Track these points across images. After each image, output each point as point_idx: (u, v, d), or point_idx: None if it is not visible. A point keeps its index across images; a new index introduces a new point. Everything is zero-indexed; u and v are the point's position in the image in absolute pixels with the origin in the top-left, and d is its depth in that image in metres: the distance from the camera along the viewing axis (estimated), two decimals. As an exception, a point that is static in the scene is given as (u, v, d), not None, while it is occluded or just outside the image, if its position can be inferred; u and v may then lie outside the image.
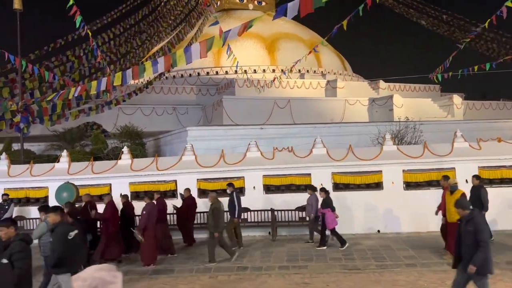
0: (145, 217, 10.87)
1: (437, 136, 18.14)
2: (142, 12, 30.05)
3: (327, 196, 12.20)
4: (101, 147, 19.78)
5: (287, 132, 20.86)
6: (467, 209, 6.48)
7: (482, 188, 12.06)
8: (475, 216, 6.33)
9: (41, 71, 16.05)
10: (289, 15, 8.74)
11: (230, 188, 12.89)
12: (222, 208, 11.29)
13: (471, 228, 6.23)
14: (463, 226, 6.40)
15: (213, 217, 10.93)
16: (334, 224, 11.87)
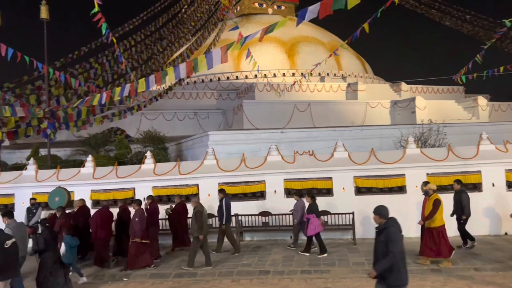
0: (137, 223, 11.15)
1: (462, 139, 17.81)
2: (162, 19, 30.52)
3: (313, 202, 12.12)
4: (125, 152, 20.13)
5: (307, 135, 20.82)
6: (383, 217, 6.12)
7: (463, 193, 12.14)
8: (389, 226, 5.97)
9: (68, 78, 16.47)
10: (307, 17, 8.76)
11: (221, 194, 13.13)
12: (205, 212, 11.55)
13: (383, 238, 5.93)
14: (377, 235, 6.11)
15: (196, 221, 11.18)
16: (317, 230, 11.81)
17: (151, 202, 12.79)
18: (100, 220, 11.84)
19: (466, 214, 11.89)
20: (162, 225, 14.06)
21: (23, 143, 24.15)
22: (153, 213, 12.58)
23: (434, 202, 10.44)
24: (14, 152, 22.62)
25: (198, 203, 11.65)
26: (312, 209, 12.00)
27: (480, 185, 14.11)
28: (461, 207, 11.88)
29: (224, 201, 12.85)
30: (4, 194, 15.79)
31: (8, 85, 23.14)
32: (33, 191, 15.41)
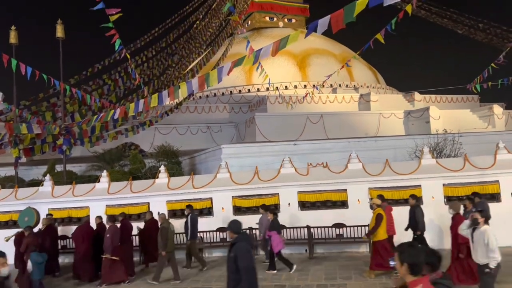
0: (108, 240, 11.31)
1: (478, 148, 17.52)
2: (173, 34, 30.97)
3: (275, 218, 11.88)
4: (139, 166, 20.27)
5: (321, 147, 20.72)
6: (235, 232, 5.94)
7: (418, 208, 12.03)
8: (238, 241, 5.78)
9: (84, 95, 16.78)
10: (319, 30, 8.78)
11: (188, 209, 13.18)
12: (171, 229, 11.60)
13: (232, 254, 5.75)
14: (228, 251, 5.91)
15: (162, 237, 11.28)
16: (279, 247, 11.54)
17: (122, 220, 12.85)
18: (81, 236, 12.13)
19: (420, 229, 11.84)
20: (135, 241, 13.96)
21: (40, 159, 24.49)
22: (125, 230, 12.64)
23: (377, 216, 10.55)
24: (31, 169, 22.95)
25: (165, 219, 11.82)
26: (273, 226, 11.71)
27: (499, 195, 13.82)
28: (416, 222, 11.82)
29: (190, 217, 12.91)
30: (20, 211, 15.97)
31: (25, 103, 23.61)
32: (49, 207, 15.56)
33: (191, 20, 32.53)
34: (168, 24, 31.74)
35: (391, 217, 11.87)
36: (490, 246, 7.21)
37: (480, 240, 7.36)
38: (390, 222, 11.56)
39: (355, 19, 8.17)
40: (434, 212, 13.55)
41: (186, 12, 32.95)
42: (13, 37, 19.89)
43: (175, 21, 32.13)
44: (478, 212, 7.64)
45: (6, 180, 19.93)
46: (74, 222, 15.58)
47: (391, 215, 11.86)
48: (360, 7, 7.42)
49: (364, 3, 7.44)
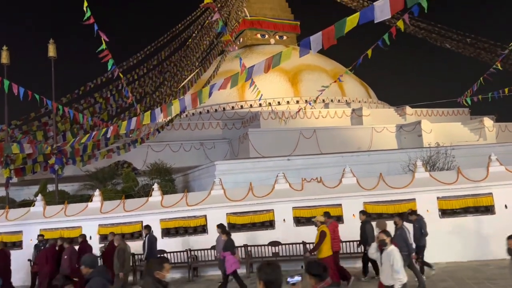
0: (66, 261, 11.27)
1: (471, 161, 17.63)
2: (165, 52, 31.13)
3: (229, 239, 11.68)
4: (132, 185, 20.11)
5: (314, 162, 20.72)
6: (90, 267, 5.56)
7: (368, 223, 12.12)
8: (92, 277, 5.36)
9: (76, 114, 16.74)
10: (313, 49, 8.83)
11: (145, 230, 13.12)
12: (128, 250, 11.51)
13: None
14: None
15: (118, 258, 11.14)
16: (234, 267, 11.36)
17: (82, 241, 12.76)
18: (44, 257, 12.09)
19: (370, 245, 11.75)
20: None
21: (31, 179, 24.21)
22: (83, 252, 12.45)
23: (320, 233, 10.55)
24: (22, 189, 22.66)
25: (121, 240, 11.74)
26: (227, 246, 11.52)
27: (493, 207, 13.87)
28: (366, 238, 11.88)
29: (147, 238, 12.80)
30: (12, 232, 15.73)
31: (16, 123, 23.44)
32: (41, 227, 15.34)
33: (183, 38, 32.76)
34: (160, 42, 31.93)
35: (336, 233, 11.84)
36: (394, 267, 7.04)
37: (387, 261, 7.19)
38: (335, 238, 11.54)
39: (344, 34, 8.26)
40: (429, 225, 13.51)
41: (178, 30, 33.19)
42: (4, 57, 19.86)
43: (167, 39, 32.34)
44: (383, 232, 7.54)
45: (-3, 200, 19.64)
46: (66, 243, 15.32)
47: (336, 231, 11.84)
48: (350, 23, 7.51)
49: (354, 20, 7.53)
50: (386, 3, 7.24)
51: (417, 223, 11.70)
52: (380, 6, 7.44)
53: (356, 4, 39.21)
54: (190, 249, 14.27)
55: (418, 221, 11.75)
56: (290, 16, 50.95)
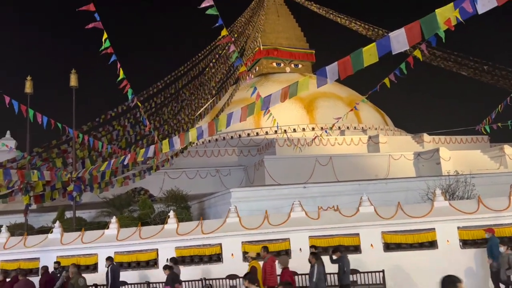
0: None
1: (491, 190, 17.23)
2: (182, 81, 31.77)
3: (170, 272, 11.51)
4: (148, 212, 20.17)
5: (331, 190, 20.51)
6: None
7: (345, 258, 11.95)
8: None
9: (96, 143, 17.08)
10: (330, 79, 8.91)
11: (108, 261, 13.04)
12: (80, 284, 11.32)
13: None
14: None
15: None
16: None
17: (43, 273, 12.67)
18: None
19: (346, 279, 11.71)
20: None
21: (49, 206, 24.52)
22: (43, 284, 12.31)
23: (251, 269, 10.42)
24: (41, 215, 22.94)
25: (75, 273, 11.62)
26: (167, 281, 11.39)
27: (516, 238, 13.44)
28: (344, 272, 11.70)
29: (110, 269, 12.68)
30: (29, 259, 15.82)
31: (38, 150, 23.95)
32: (58, 254, 15.41)
33: (201, 68, 33.46)
34: (180, 71, 32.66)
35: (273, 268, 11.54)
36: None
37: None
38: (272, 273, 11.30)
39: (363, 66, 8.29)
40: (449, 257, 13.20)
41: (197, 60, 33.98)
42: (28, 86, 20.51)
43: (187, 68, 33.07)
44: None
45: (15, 227, 19.88)
46: (82, 270, 15.34)
47: (273, 266, 11.56)
48: (367, 55, 7.56)
49: (371, 51, 7.59)
50: (402, 34, 7.31)
51: (340, 261, 11.55)
52: (396, 37, 7.51)
53: (371, 33, 39.59)
54: (205, 278, 14.12)
55: (341, 259, 11.54)
56: (305, 45, 51.70)
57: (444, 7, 7.35)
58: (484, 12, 6.52)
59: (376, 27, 40.25)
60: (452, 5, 7.24)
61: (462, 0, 7.08)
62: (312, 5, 48.78)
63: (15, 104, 15.44)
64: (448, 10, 7.27)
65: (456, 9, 7.01)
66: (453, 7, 7.24)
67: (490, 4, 6.48)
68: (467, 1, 6.80)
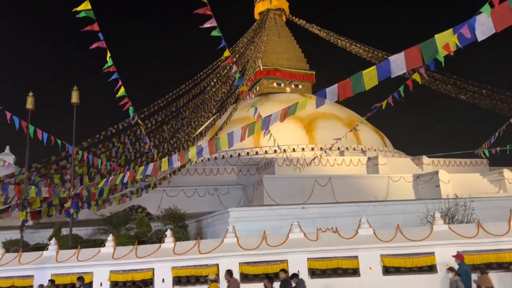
0: None
1: (491, 214, 17.14)
2: (183, 100, 31.96)
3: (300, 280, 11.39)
4: (145, 230, 19.98)
5: (330, 211, 20.38)
6: None
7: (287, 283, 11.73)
8: None
9: (95, 160, 17.07)
10: (329, 101, 8.99)
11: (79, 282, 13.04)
12: None
13: None
14: None
15: None
16: None
17: None
18: None
19: None
20: None
21: (46, 222, 24.29)
22: None
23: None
24: (37, 232, 22.70)
25: None
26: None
27: (516, 263, 13.31)
28: None
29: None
30: (23, 276, 15.61)
31: (37, 165, 23.89)
32: (52, 272, 15.20)
33: (202, 86, 33.73)
34: (182, 89, 32.91)
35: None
36: None
37: None
38: None
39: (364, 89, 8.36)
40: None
41: (199, 79, 34.29)
42: (29, 102, 20.58)
43: (189, 87, 33.35)
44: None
45: (11, 243, 19.66)
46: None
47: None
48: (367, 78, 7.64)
49: (371, 74, 7.66)
50: (401, 58, 7.39)
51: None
52: (396, 61, 7.60)
53: (371, 56, 40.04)
54: (201, 299, 13.92)
55: (299, 285, 11.36)
56: (305, 66, 52.23)
57: (443, 33, 7.45)
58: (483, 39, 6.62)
59: (376, 50, 40.76)
60: (451, 30, 7.35)
61: (461, 26, 7.18)
62: (313, 27, 49.52)
63: (16, 120, 15.50)
64: (447, 35, 7.37)
65: (454, 35, 7.11)
66: (452, 33, 7.35)
67: (488, 31, 6.57)
68: (465, 28, 6.90)
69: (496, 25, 6.60)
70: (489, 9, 6.42)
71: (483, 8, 6.45)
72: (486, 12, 6.43)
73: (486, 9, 6.42)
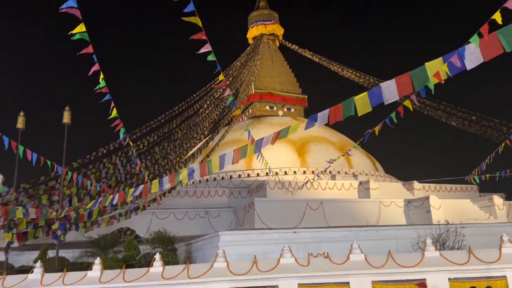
0: None
1: (481, 240, 17.13)
2: (176, 121, 31.98)
3: None
4: (134, 253, 19.62)
5: (321, 236, 20.22)
6: None
7: None
8: None
9: (85, 181, 16.88)
10: (319, 124, 9.06)
11: None
12: None
13: None
14: None
15: None
16: None
17: None
18: None
19: None
20: None
21: (32, 244, 23.77)
22: None
23: None
24: (22, 254, 22.17)
25: None
26: None
27: (508, 291, 13.24)
28: None
29: None
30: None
31: (25, 186, 23.53)
32: (36, 296, 14.79)
33: (195, 108, 33.85)
34: (175, 110, 32.97)
35: None
36: None
37: None
38: None
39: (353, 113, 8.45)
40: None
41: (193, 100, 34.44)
42: (20, 122, 20.40)
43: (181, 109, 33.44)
44: None
45: (-6, 266, 19.16)
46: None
47: None
48: (359, 104, 7.72)
49: (363, 100, 7.75)
50: (393, 85, 7.50)
51: None
52: (387, 88, 7.71)
53: (362, 81, 40.63)
54: (189, 325, 13.58)
55: None
56: (298, 90, 52.85)
57: (434, 61, 7.59)
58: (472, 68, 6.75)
59: (367, 75, 41.40)
60: (441, 59, 7.49)
61: (451, 55, 7.33)
62: (305, 52, 50.36)
63: (6, 140, 15.33)
64: (437, 64, 7.51)
65: (445, 64, 7.24)
66: (442, 61, 7.49)
67: (477, 60, 6.71)
68: (455, 57, 7.05)
69: (485, 55, 6.75)
70: (477, 39, 6.57)
71: (472, 39, 6.61)
72: (475, 42, 6.58)
73: (475, 39, 6.58)
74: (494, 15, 6.52)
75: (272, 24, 55.27)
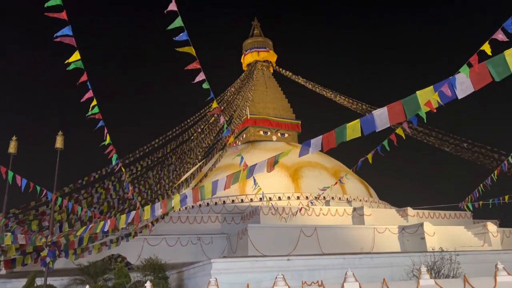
0: None
1: (476, 268, 17.01)
2: (170, 146, 31.94)
3: None
4: (124, 281, 19.18)
5: (315, 263, 19.93)
6: None
7: None
8: None
9: (75, 207, 16.65)
10: (311, 151, 9.08)
11: None
12: None
13: None
14: None
15: None
16: None
17: None
18: None
19: None
20: None
21: (20, 271, 23.21)
22: None
23: None
24: (10, 281, 21.59)
25: None
26: None
27: (505, 321, 13.04)
28: None
29: None
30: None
31: (14, 211, 23.16)
32: (22, 326, 14.34)
33: (190, 133, 33.91)
34: (168, 135, 32.99)
35: None
36: None
37: None
38: None
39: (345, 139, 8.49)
40: None
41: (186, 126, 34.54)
42: (12, 147, 20.25)
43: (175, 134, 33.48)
44: None
45: (-20, 294, 18.64)
46: None
47: None
48: (351, 130, 7.76)
49: (355, 127, 7.80)
50: (385, 113, 7.57)
51: None
52: (380, 115, 7.77)
53: (355, 107, 41.07)
54: None
55: None
56: (291, 116, 53.30)
57: (425, 89, 7.69)
58: (463, 97, 6.84)
59: (360, 102, 41.88)
60: (432, 88, 7.59)
61: (442, 84, 7.44)
62: (299, 78, 51.06)
63: (-5, 165, 15.16)
64: (428, 92, 7.60)
65: (436, 93, 7.34)
66: (433, 90, 7.59)
67: (468, 89, 6.81)
68: (446, 86, 7.15)
69: (475, 84, 6.86)
70: (467, 69, 6.68)
71: (461, 69, 6.72)
72: (465, 72, 6.70)
73: (465, 69, 6.69)
74: (483, 46, 6.66)
75: (266, 51, 56.24)
